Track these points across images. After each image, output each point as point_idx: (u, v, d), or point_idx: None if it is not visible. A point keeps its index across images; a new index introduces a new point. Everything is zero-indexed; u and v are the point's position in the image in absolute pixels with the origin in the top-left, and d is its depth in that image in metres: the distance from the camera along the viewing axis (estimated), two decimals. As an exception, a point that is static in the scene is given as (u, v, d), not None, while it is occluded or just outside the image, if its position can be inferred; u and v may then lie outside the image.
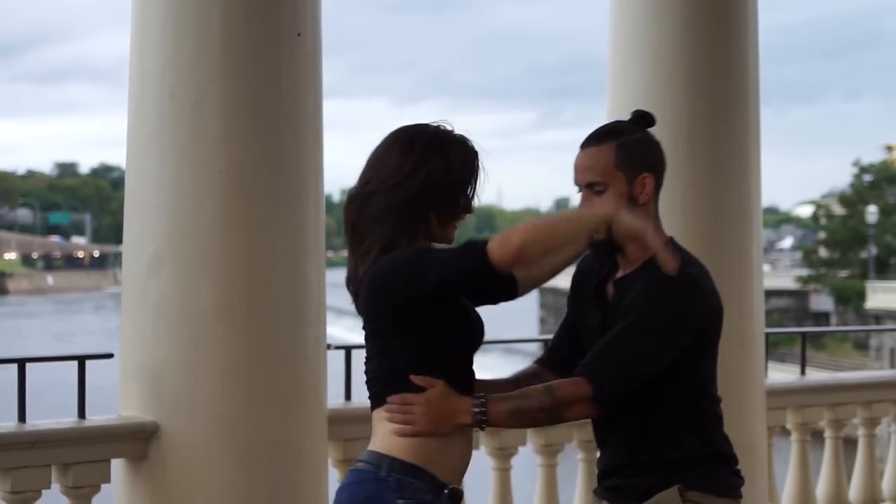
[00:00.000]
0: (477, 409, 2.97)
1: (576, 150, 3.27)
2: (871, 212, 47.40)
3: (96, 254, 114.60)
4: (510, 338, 6.88)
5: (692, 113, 5.04)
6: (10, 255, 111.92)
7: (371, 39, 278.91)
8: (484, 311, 3.06)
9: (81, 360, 4.22)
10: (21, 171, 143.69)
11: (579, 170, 3.23)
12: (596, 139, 3.23)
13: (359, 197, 3.03)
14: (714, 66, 5.14)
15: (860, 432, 6.21)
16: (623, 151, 3.21)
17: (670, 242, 3.21)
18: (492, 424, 3.01)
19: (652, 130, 3.30)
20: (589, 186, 3.20)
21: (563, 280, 3.43)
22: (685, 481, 3.16)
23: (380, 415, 3.00)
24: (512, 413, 3.01)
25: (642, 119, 3.30)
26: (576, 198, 3.27)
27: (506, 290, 3.04)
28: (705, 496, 3.17)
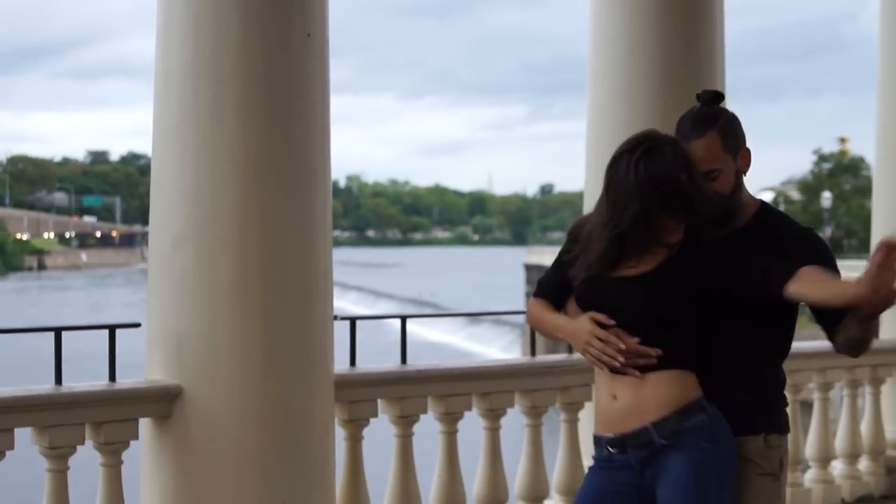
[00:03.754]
0: None
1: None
2: (826, 197, 47.42)
3: (100, 235, 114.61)
4: (500, 310, 6.89)
5: (665, 108, 5.03)
6: (48, 234, 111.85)
7: (380, 41, 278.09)
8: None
9: (112, 329, 4.23)
10: (57, 158, 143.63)
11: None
12: (698, 129, 3.11)
13: None
14: (685, 65, 5.15)
15: (815, 396, 6.23)
16: (725, 135, 3.13)
17: (762, 205, 3.21)
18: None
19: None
20: (705, 175, 3.08)
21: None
22: (766, 426, 3.16)
23: None
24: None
25: (717, 96, 3.21)
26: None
27: None
28: (779, 438, 3.19)
